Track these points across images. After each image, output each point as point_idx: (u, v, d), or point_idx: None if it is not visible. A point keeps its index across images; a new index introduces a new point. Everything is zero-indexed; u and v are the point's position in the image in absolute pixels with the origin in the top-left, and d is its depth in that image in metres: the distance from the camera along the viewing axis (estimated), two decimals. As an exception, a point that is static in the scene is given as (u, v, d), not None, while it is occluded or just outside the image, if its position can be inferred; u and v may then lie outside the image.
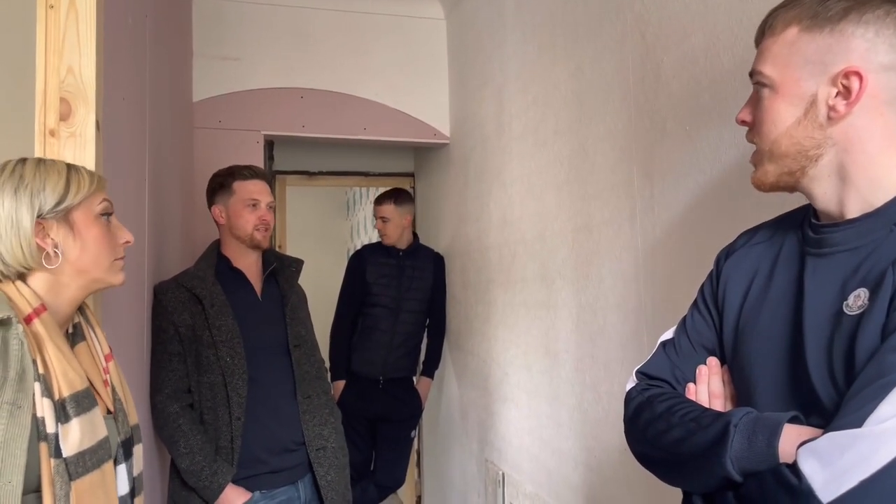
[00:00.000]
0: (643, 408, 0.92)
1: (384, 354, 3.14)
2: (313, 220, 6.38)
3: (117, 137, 1.52)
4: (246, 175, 2.05)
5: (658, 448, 0.87)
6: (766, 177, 0.85)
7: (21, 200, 1.01)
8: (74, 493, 0.94)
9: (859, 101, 0.76)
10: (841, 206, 0.80)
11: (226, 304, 1.94)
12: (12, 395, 0.88)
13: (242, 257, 2.05)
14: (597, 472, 1.85)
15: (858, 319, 0.73)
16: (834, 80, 0.77)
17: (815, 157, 0.80)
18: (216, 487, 1.82)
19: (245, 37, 2.95)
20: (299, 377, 2.02)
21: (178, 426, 1.83)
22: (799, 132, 0.80)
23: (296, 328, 2.07)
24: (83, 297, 1.10)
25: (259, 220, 2.02)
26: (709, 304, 0.97)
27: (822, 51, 0.77)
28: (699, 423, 0.82)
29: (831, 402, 0.74)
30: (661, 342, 1.01)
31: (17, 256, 1.00)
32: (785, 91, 0.81)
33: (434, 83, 3.24)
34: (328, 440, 2.04)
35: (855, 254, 0.77)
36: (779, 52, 0.81)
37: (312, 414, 2.03)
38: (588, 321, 1.89)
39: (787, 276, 0.85)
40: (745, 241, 0.96)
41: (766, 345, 0.85)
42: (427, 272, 3.25)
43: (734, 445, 0.75)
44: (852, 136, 0.77)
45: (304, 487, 2.01)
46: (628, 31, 1.67)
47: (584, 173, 1.91)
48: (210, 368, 1.89)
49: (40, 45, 1.29)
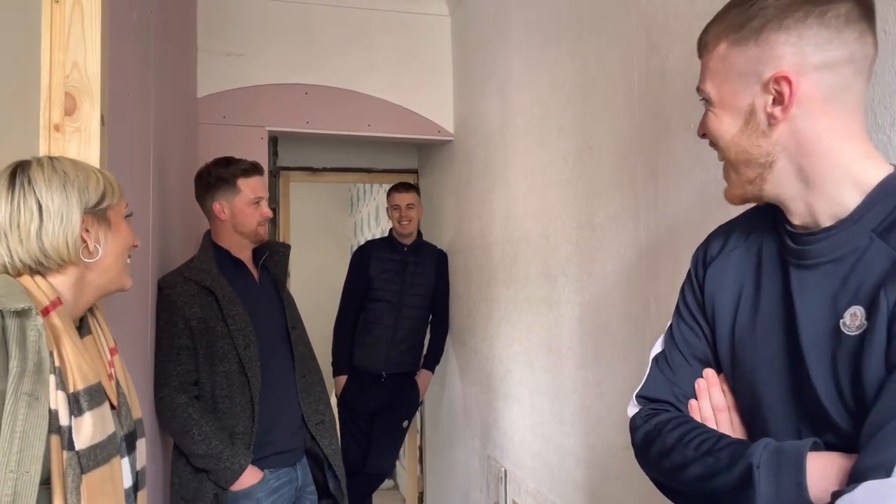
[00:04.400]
0: (652, 438, 0.91)
1: (386, 349, 3.15)
2: (317, 217, 6.38)
3: (122, 133, 1.53)
4: (249, 172, 2.06)
5: (677, 482, 0.87)
6: (734, 188, 0.86)
7: (71, 195, 1.03)
8: (85, 486, 0.95)
9: (793, 104, 0.76)
10: (812, 210, 0.79)
11: (234, 295, 1.97)
12: (31, 385, 0.89)
13: (243, 249, 2.10)
14: (599, 469, 1.85)
15: (860, 340, 0.72)
16: (766, 88, 0.78)
17: (769, 164, 0.80)
18: (237, 469, 1.85)
19: (249, 33, 2.96)
20: (297, 357, 2.11)
21: (188, 415, 1.84)
22: (744, 141, 0.81)
23: (292, 311, 2.16)
24: (98, 298, 1.13)
25: (262, 216, 2.06)
26: (695, 314, 0.96)
27: (752, 62, 0.78)
28: (718, 458, 0.80)
29: (843, 421, 0.74)
30: (653, 357, 1.00)
31: (59, 250, 1.01)
32: (725, 105, 0.82)
33: (438, 80, 3.24)
34: (325, 414, 2.14)
35: (839, 264, 0.77)
36: (714, 67, 0.83)
37: (308, 391, 2.11)
38: (591, 318, 1.89)
39: (774, 288, 0.85)
40: (719, 246, 0.95)
41: (765, 357, 0.84)
42: (430, 268, 3.26)
43: (762, 490, 0.74)
44: (801, 139, 0.78)
45: (300, 470, 2.09)
46: (633, 27, 1.67)
47: (588, 170, 1.91)
48: (225, 358, 1.92)
49: (45, 40, 1.30)
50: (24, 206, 1.00)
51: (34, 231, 1.00)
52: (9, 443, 0.86)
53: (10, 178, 1.01)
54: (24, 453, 0.87)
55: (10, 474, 0.86)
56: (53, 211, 1.01)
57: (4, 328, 0.89)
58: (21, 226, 0.99)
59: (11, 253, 0.99)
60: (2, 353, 0.89)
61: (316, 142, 3.63)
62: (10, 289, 0.94)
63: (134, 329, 1.70)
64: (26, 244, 0.99)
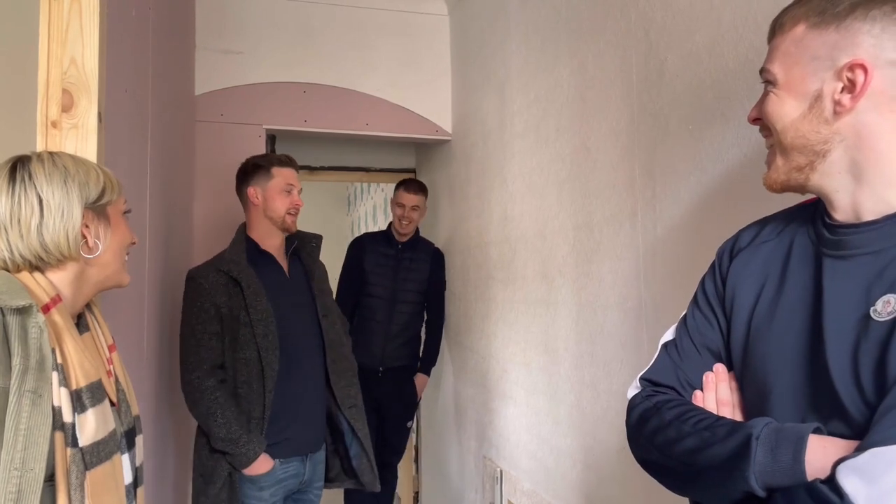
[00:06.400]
0: (650, 414, 0.90)
1: (382, 344, 3.16)
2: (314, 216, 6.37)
3: (119, 129, 1.52)
4: (285, 162, 2.19)
5: (668, 457, 0.85)
6: (777, 174, 0.84)
7: (71, 191, 1.02)
8: (89, 483, 0.95)
9: (864, 94, 0.75)
10: (856, 206, 0.79)
11: (260, 286, 2.06)
12: (34, 383, 0.89)
13: (270, 239, 2.17)
14: (595, 470, 1.85)
15: (891, 326, 0.71)
16: (839, 75, 0.77)
17: (823, 153, 0.79)
18: (252, 455, 1.96)
19: (248, 31, 2.95)
20: (328, 344, 2.19)
21: (215, 398, 1.95)
22: (804, 126, 0.80)
23: (323, 299, 2.24)
24: (95, 294, 1.12)
25: (292, 204, 2.16)
26: (712, 304, 0.95)
27: (828, 47, 0.77)
28: (714, 432, 0.80)
29: (856, 409, 0.72)
30: (662, 343, 0.99)
31: (60, 245, 1.01)
32: (791, 88, 0.81)
33: (437, 79, 3.24)
34: (356, 399, 2.24)
35: (878, 257, 0.76)
36: (787, 49, 0.81)
37: (339, 376, 2.20)
38: (588, 319, 1.89)
39: (802, 278, 0.83)
40: (750, 237, 0.94)
41: (781, 349, 0.83)
42: (424, 265, 3.27)
43: (757, 459, 0.73)
44: (862, 132, 0.77)
45: (309, 464, 2.15)
46: (632, 28, 1.67)
47: (586, 171, 1.91)
48: (246, 345, 2.01)
49: (43, 36, 1.29)
50: (24, 201, 0.99)
51: (35, 226, 0.99)
52: (13, 441, 0.86)
53: (11, 173, 1.01)
54: (28, 451, 0.87)
55: (14, 472, 0.85)
56: (54, 206, 1.00)
57: (5, 326, 0.89)
58: (22, 221, 0.99)
59: (12, 248, 0.99)
60: (3, 350, 0.88)
61: (314, 140, 3.62)
62: (9, 286, 0.94)
63: (130, 326, 1.70)
64: (27, 239, 0.99)
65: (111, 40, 1.40)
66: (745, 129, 1.25)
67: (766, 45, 0.87)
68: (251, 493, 2.01)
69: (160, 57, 2.03)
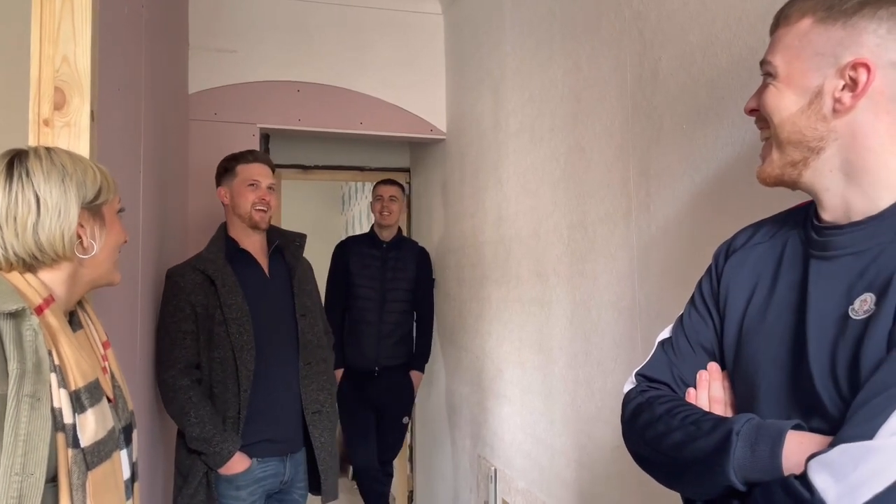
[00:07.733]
0: (642, 409, 0.92)
1: (375, 344, 3.17)
2: (308, 215, 6.36)
3: (112, 128, 1.52)
4: (248, 159, 2.18)
5: (657, 451, 0.87)
6: (772, 167, 0.84)
7: (69, 189, 1.01)
8: (91, 482, 0.94)
9: (865, 94, 0.75)
10: (845, 206, 0.79)
11: (236, 284, 2.06)
12: (32, 387, 0.88)
13: (247, 238, 2.17)
14: (589, 468, 1.85)
15: (865, 324, 0.72)
16: (841, 73, 0.77)
17: (818, 150, 0.79)
18: (226, 454, 1.95)
19: (242, 29, 2.94)
20: (302, 345, 2.16)
21: (188, 398, 1.95)
22: (802, 121, 0.80)
23: (302, 299, 2.21)
24: (87, 292, 1.12)
25: (258, 199, 2.14)
26: (708, 304, 0.96)
27: (832, 43, 0.77)
28: (700, 427, 0.81)
29: (834, 406, 0.73)
30: (659, 341, 1.00)
31: (55, 245, 1.00)
32: (791, 82, 0.81)
33: (431, 78, 3.23)
34: (324, 405, 2.18)
35: (860, 258, 0.76)
36: (790, 42, 0.81)
37: (311, 379, 2.16)
38: (582, 318, 1.89)
39: (791, 278, 0.84)
40: (745, 239, 0.95)
41: (769, 348, 0.84)
42: (410, 264, 3.29)
43: (737, 454, 0.74)
44: (856, 132, 0.77)
45: (289, 464, 2.13)
46: (626, 28, 1.67)
47: (580, 170, 1.91)
48: (221, 344, 2.01)
49: (35, 34, 1.28)
50: (21, 198, 0.98)
51: (31, 225, 0.98)
52: (13, 446, 0.85)
53: (8, 169, 0.99)
54: (28, 456, 0.86)
55: (14, 477, 0.85)
56: (51, 205, 0.99)
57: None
58: (18, 219, 0.97)
59: (6, 246, 0.98)
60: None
61: (308, 139, 3.61)
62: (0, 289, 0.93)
63: (123, 323, 1.69)
64: (22, 238, 0.98)
65: (103, 38, 1.39)
66: (739, 129, 1.26)
67: (760, 44, 0.87)
68: (228, 492, 1.99)
69: (153, 55, 2.02)
